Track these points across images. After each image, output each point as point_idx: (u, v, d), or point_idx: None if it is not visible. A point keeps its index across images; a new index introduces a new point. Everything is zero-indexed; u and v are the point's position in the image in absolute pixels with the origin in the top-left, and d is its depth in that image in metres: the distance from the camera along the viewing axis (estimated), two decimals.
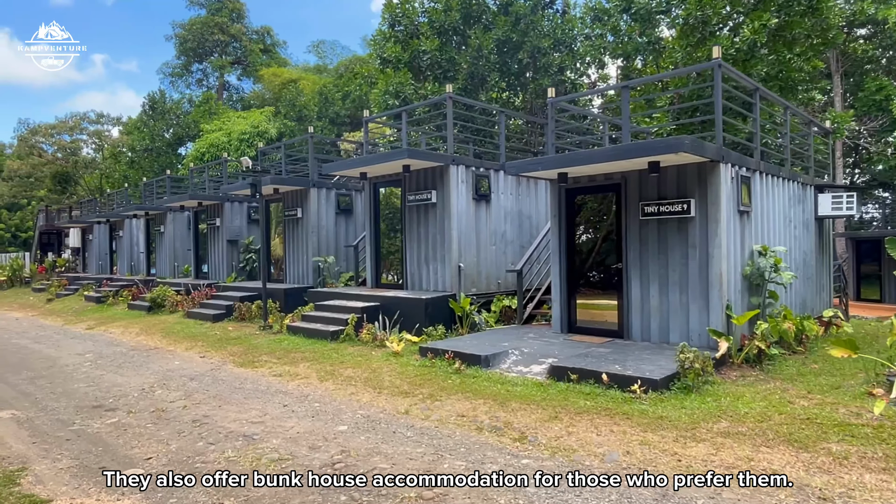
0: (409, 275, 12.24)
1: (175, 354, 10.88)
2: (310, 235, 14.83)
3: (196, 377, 8.81)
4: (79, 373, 9.55)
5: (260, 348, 10.73)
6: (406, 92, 15.17)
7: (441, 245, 11.53)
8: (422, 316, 10.59)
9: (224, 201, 18.17)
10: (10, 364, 10.60)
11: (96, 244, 28.02)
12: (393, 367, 8.65)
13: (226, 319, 14.32)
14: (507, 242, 12.52)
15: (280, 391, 7.73)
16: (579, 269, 9.63)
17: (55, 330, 15.60)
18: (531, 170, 8.63)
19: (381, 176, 12.64)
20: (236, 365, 9.59)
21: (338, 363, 9.16)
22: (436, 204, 11.58)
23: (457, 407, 6.51)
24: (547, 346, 8.70)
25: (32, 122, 36.02)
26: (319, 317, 11.68)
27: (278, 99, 32.90)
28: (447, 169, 11.30)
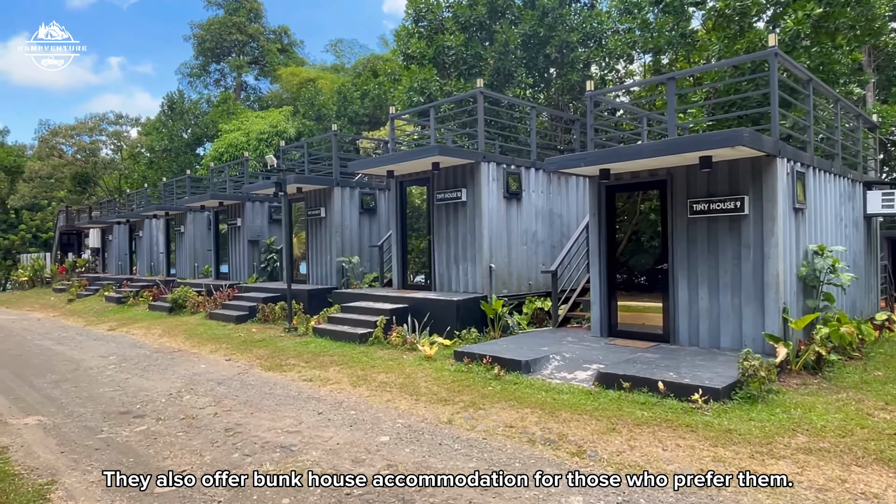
0: (437, 276, 11.88)
1: (200, 357, 10.62)
2: (333, 235, 14.54)
3: (224, 381, 8.53)
4: (103, 376, 9.32)
5: (287, 351, 10.44)
6: (431, 88, 14.82)
7: (471, 245, 11.16)
8: (453, 318, 10.23)
9: (245, 201, 17.95)
10: (35, 366, 10.41)
11: (116, 244, 28.04)
12: (427, 372, 8.30)
13: (249, 321, 14.07)
14: (538, 242, 12.12)
15: (312, 397, 7.41)
16: (620, 269, 9.20)
17: (77, 331, 15.47)
18: (572, 166, 8.23)
19: (409, 174, 12.30)
20: (264, 369, 9.30)
21: (369, 367, 8.83)
22: (465, 203, 11.21)
23: (503, 416, 6.14)
24: (588, 350, 8.29)
25: (53, 124, 36.30)
26: (346, 319, 11.37)
27: (296, 98, 32.75)
28: (478, 166, 10.93)
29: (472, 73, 15.54)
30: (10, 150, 43.00)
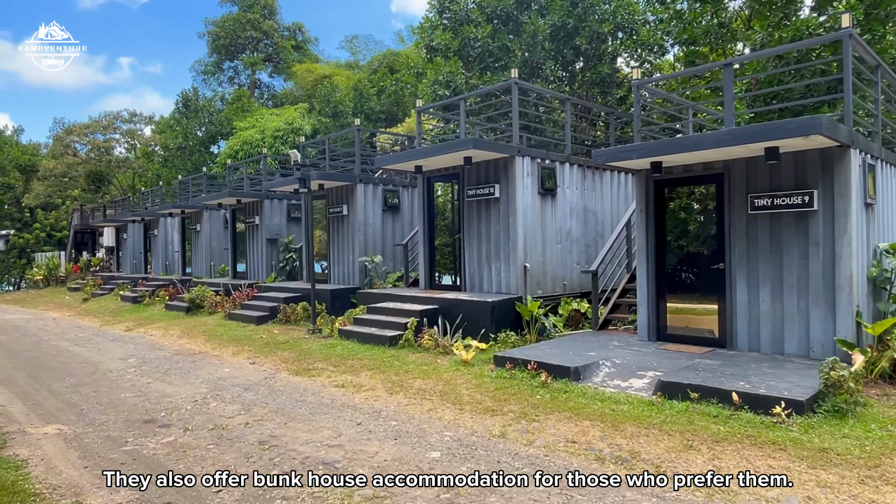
0: (467, 275, 11.37)
1: (222, 360, 10.18)
2: (356, 233, 14.07)
3: (250, 387, 8.07)
4: (124, 380, 8.90)
5: (313, 354, 9.98)
6: (457, 82, 14.30)
7: (505, 243, 10.64)
8: (487, 320, 9.72)
9: (264, 198, 17.54)
10: (52, 369, 10.01)
11: (130, 243, 27.79)
12: (466, 378, 7.79)
13: (269, 322, 13.63)
14: (572, 241, 11.58)
15: (347, 405, 6.92)
16: (669, 269, 8.64)
17: (93, 331, 15.12)
18: (624, 158, 7.69)
19: (437, 169, 11.80)
20: (291, 373, 8.84)
21: (403, 373, 8.34)
22: (499, 199, 10.70)
23: (561, 430, 5.61)
24: (640, 356, 7.75)
25: (68, 122, 36.17)
26: (373, 320, 10.89)
27: (311, 95, 32.35)
28: (512, 161, 10.41)
29: (497, 66, 15.01)
30: (24, 148, 43.00)
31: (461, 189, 11.45)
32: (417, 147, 12.06)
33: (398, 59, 30.10)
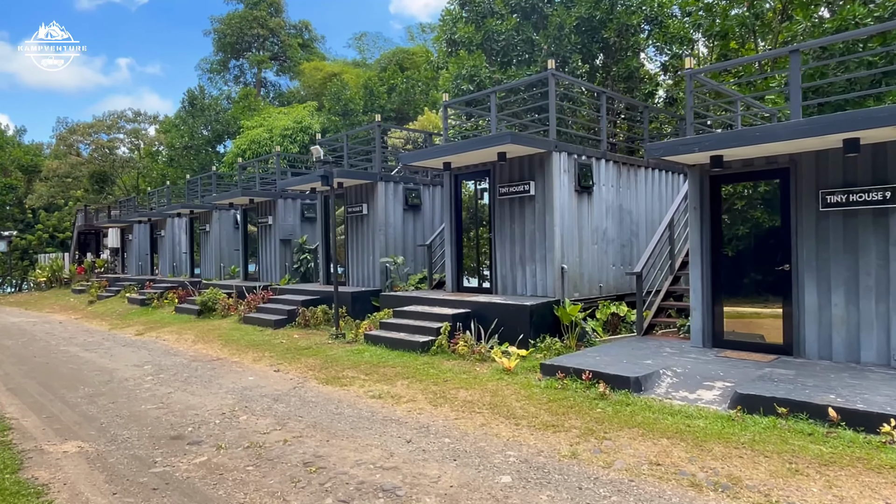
0: (498, 277, 10.83)
1: (244, 367, 9.63)
2: (376, 234, 13.53)
3: (280, 398, 7.52)
4: (141, 389, 8.35)
5: (339, 361, 9.43)
6: (481, 76, 13.76)
7: (541, 243, 10.10)
8: (526, 325, 9.17)
9: (277, 198, 17.00)
10: (64, 377, 9.46)
11: (136, 244, 27.25)
12: (514, 388, 7.25)
13: (288, 325, 13.08)
14: (608, 241, 11.04)
15: (390, 419, 6.38)
16: (726, 270, 8.09)
17: (103, 335, 14.57)
18: (684, 151, 7.15)
19: (466, 166, 11.27)
20: (320, 382, 8.29)
21: (441, 382, 7.79)
22: (534, 196, 10.16)
23: (639, 449, 5.07)
24: (701, 364, 7.20)
25: (71, 121, 35.63)
26: (401, 325, 10.34)
27: (319, 94, 31.83)
28: (549, 157, 9.87)
29: (521, 60, 14.48)
30: (27, 148, 42.48)
31: (492, 187, 10.91)
32: (444, 143, 11.51)
33: (408, 57, 29.58)
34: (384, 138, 21.67)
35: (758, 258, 7.85)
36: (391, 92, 27.65)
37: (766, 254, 7.72)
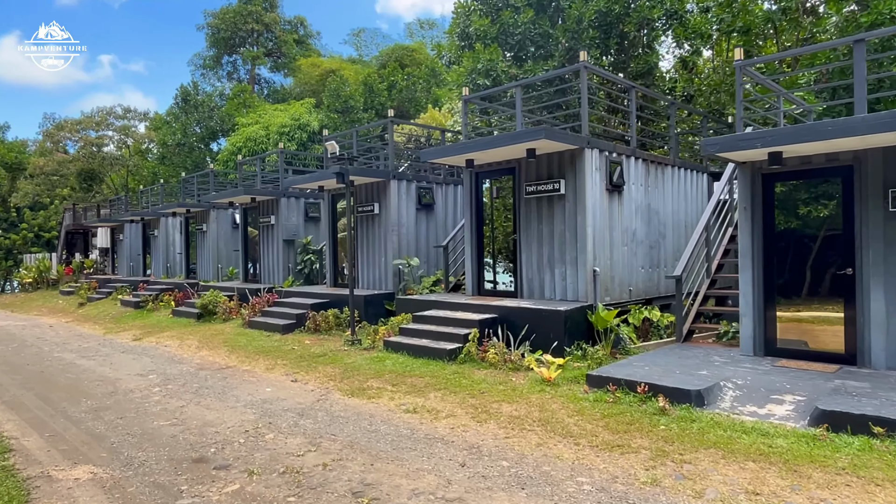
0: (523, 280, 10.31)
1: (257, 377, 9.01)
2: (389, 234, 12.94)
3: (305, 412, 6.93)
4: (150, 402, 7.71)
5: (361, 370, 8.85)
6: (498, 70, 13.24)
7: (571, 244, 9.59)
8: (560, 331, 8.65)
9: (281, 196, 16.35)
10: (63, 388, 8.78)
11: (127, 244, 26.39)
12: (560, 402, 6.72)
13: (297, 330, 12.46)
14: (637, 242, 10.56)
15: (433, 438, 5.82)
16: (779, 274, 7.63)
17: (98, 340, 13.84)
18: (745, 147, 6.66)
19: (489, 164, 10.74)
20: (345, 394, 7.71)
21: (478, 394, 7.25)
22: (564, 195, 9.65)
23: (728, 475, 4.56)
24: (759, 375, 6.73)
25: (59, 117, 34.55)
26: (423, 330, 9.77)
27: (315, 91, 31.14)
28: (581, 153, 9.37)
29: (538, 54, 13.98)
30: (10, 145, 41.24)
31: (517, 185, 10.39)
32: (465, 140, 10.97)
33: (407, 54, 28.99)
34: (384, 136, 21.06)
35: (814, 261, 7.39)
36: (391, 89, 27.05)
37: (824, 256, 7.27)
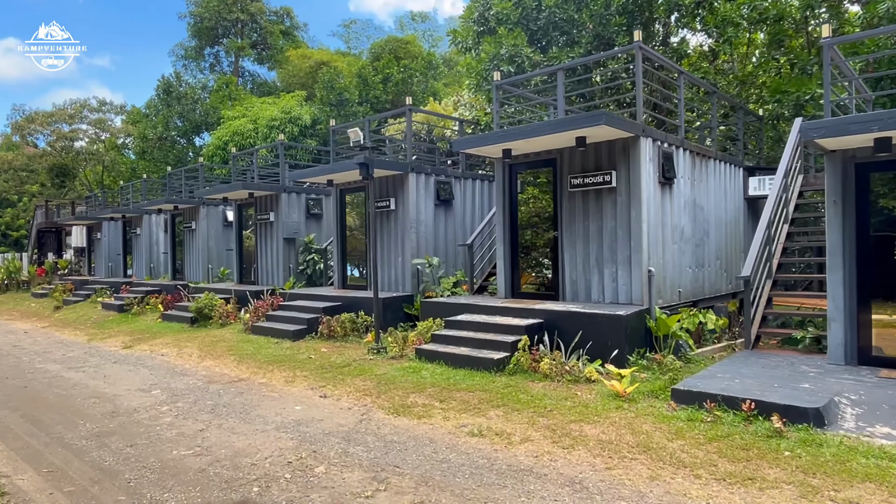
0: (566, 282, 9.46)
1: (278, 391, 7.98)
2: (407, 232, 11.97)
3: (350, 437, 5.95)
4: (161, 425, 6.63)
5: (396, 383, 7.88)
6: (523, 56, 12.37)
7: (624, 242, 8.77)
8: (620, 338, 7.81)
9: (280, 192, 15.23)
10: (53, 407, 7.62)
11: (105, 243, 24.86)
12: (649, 422, 5.87)
13: (308, 336, 11.41)
14: (685, 240, 9.81)
15: (519, 470, 4.91)
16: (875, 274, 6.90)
17: (83, 348, 12.57)
18: (856, 131, 5.90)
19: (527, 154, 9.86)
20: (388, 412, 6.75)
21: (545, 411, 6.36)
22: (615, 188, 8.82)
23: None
24: (869, 388, 5.98)
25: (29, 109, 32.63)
26: (459, 337, 8.84)
27: (304, 84, 29.89)
28: (636, 142, 8.55)
29: (563, 40, 13.17)
30: None
31: (558, 178, 9.54)
32: (498, 129, 10.06)
33: (401, 46, 27.98)
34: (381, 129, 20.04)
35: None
36: (387, 82, 26.02)
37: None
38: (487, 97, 14.13)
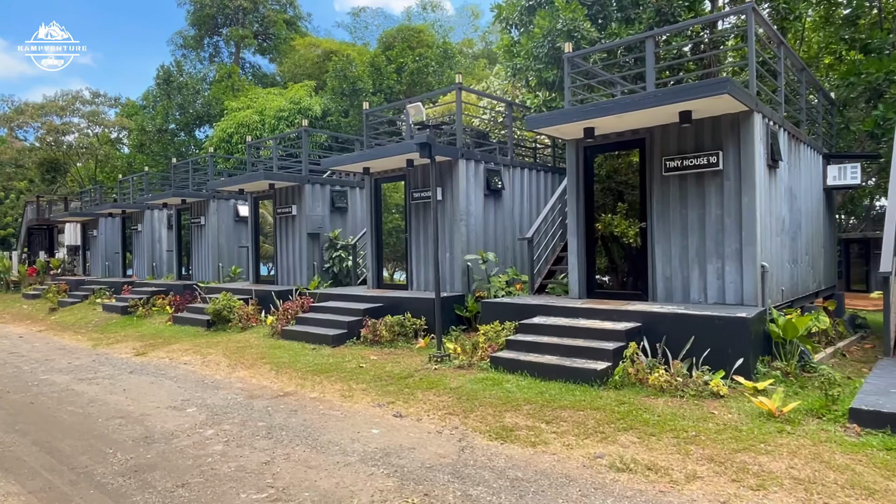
0: (658, 279, 8.29)
1: (339, 409, 6.73)
2: (455, 225, 10.75)
3: (459, 472, 4.73)
4: (213, 455, 5.36)
5: (479, 398, 6.66)
6: (582, 31, 11.20)
7: (733, 233, 7.62)
8: (742, 345, 6.63)
9: (304, 183, 13.94)
10: (71, 431, 6.31)
11: (102, 241, 23.35)
12: (836, 451, 4.71)
13: (350, 342, 10.15)
14: (784, 231, 8.68)
15: None
16: None
17: (90, 356, 11.21)
18: None
19: (607, 135, 8.68)
20: (489, 437, 5.54)
21: (692, 437, 5.18)
22: (721, 171, 7.67)
23: None
24: None
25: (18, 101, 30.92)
26: (539, 344, 7.63)
27: (310, 75, 28.56)
28: (749, 118, 7.41)
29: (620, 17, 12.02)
30: None
31: (646, 161, 8.38)
32: (569, 106, 8.87)
33: (415, 35, 26.76)
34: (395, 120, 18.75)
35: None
36: (401, 71, 24.78)
37: None
38: (532, 82, 12.93)
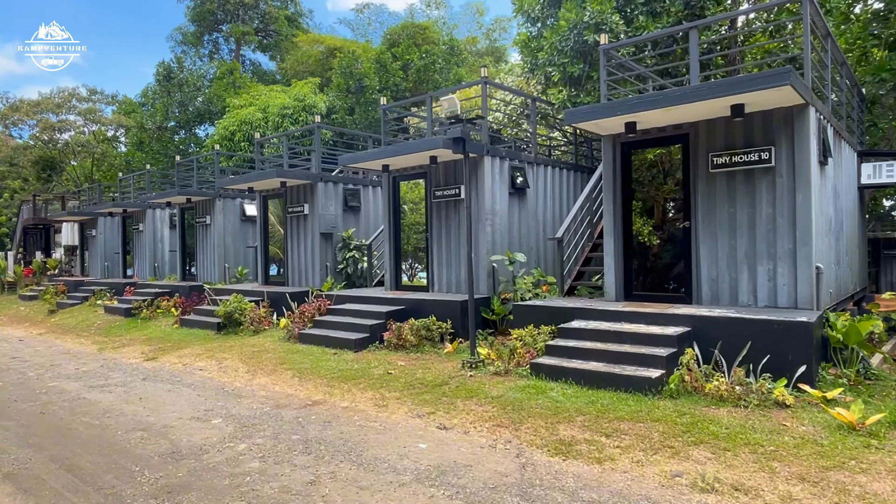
0: (703, 281, 7.91)
1: (376, 420, 6.30)
2: (481, 224, 10.34)
3: (525, 493, 4.36)
4: (250, 475, 4.93)
5: (525, 408, 6.25)
6: (610, 24, 10.82)
7: (786, 233, 7.25)
8: (803, 351, 6.26)
9: (317, 181, 13.49)
10: (89, 445, 5.85)
11: (101, 241, 22.77)
12: None
13: (372, 346, 9.72)
14: (831, 232, 8.33)
15: None
16: None
17: (97, 360, 10.72)
18: None
19: (647, 131, 8.30)
20: (548, 452, 5.14)
21: (771, 452, 4.80)
22: (773, 168, 7.31)
23: None
24: None
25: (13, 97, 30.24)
26: (582, 349, 7.23)
27: (313, 72, 28.08)
28: (803, 112, 7.05)
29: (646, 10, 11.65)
30: None
31: (689, 157, 8.00)
32: (605, 100, 8.48)
33: (420, 32, 26.33)
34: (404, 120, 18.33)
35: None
36: (406, 68, 24.35)
37: None
38: (554, 77, 12.53)
